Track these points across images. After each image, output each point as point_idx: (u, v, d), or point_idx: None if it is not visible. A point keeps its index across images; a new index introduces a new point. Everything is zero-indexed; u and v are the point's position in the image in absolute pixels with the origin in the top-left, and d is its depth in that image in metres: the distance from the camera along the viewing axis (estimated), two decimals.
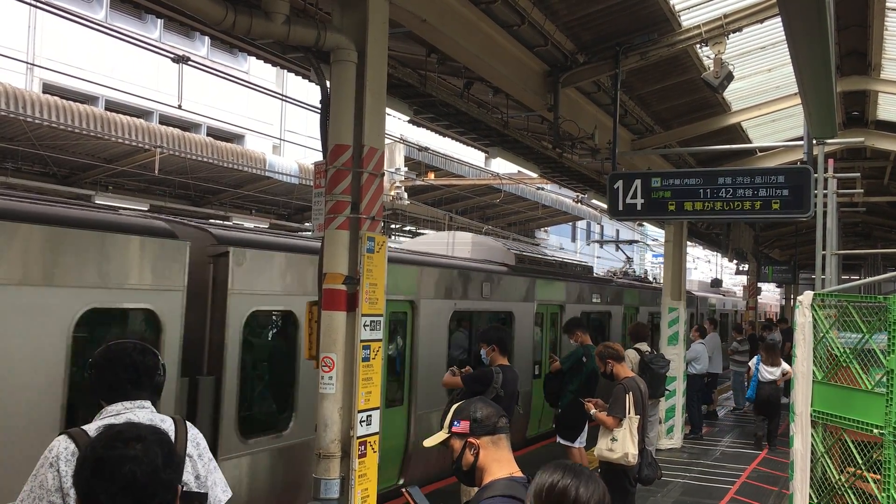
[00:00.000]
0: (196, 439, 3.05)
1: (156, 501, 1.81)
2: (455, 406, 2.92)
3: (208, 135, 18.46)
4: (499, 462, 2.73)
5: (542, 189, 22.00)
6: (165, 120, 19.02)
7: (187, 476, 2.95)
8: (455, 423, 2.82)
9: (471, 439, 2.76)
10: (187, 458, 2.96)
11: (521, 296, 11.93)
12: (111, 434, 1.88)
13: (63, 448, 2.80)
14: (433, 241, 12.96)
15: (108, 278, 5.36)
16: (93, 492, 1.80)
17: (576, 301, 13.98)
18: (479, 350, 7.09)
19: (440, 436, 2.89)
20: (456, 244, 12.53)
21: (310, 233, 9.13)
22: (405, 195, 17.63)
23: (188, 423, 3.06)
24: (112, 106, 17.91)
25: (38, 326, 4.91)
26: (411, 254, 10.35)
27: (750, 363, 13.76)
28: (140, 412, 2.94)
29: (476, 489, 2.80)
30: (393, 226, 20.80)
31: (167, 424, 2.95)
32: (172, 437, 2.81)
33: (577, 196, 19.06)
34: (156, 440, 1.88)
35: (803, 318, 6.14)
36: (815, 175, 8.64)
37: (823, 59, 5.51)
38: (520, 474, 2.72)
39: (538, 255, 15.15)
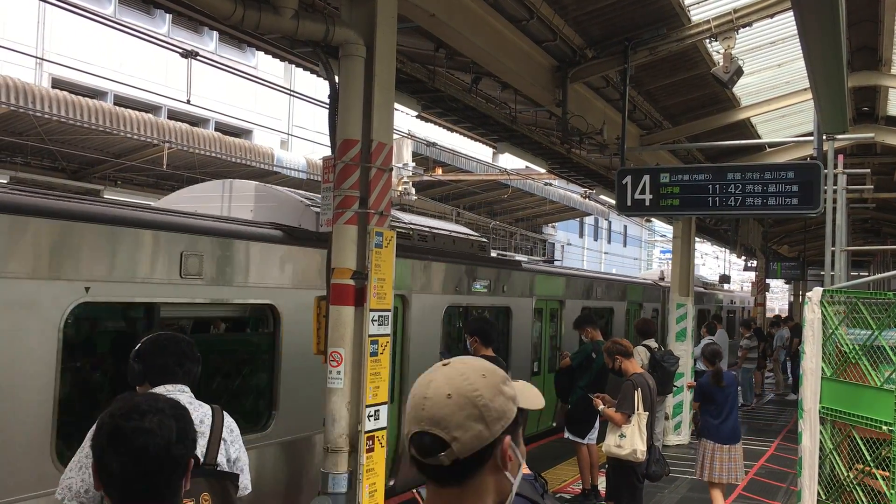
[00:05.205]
0: (231, 426, 3.28)
1: (164, 474, 1.84)
2: None
3: (217, 130, 18.49)
4: None
5: (550, 185, 21.92)
6: (174, 115, 19.05)
7: (220, 458, 3.15)
8: None
9: None
10: (222, 441, 3.18)
11: None
12: (130, 405, 1.90)
13: None
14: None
15: None
16: (106, 458, 1.85)
17: None
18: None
19: None
20: None
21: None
22: (413, 190, 17.61)
23: (224, 412, 3.29)
24: (121, 101, 17.94)
25: None
26: None
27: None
28: (181, 395, 3.11)
29: None
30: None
31: (204, 410, 3.20)
32: (209, 424, 3.15)
33: (586, 192, 19.01)
34: (172, 414, 1.91)
35: (812, 315, 6.11)
36: (825, 171, 8.58)
37: (835, 54, 5.49)
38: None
39: None
